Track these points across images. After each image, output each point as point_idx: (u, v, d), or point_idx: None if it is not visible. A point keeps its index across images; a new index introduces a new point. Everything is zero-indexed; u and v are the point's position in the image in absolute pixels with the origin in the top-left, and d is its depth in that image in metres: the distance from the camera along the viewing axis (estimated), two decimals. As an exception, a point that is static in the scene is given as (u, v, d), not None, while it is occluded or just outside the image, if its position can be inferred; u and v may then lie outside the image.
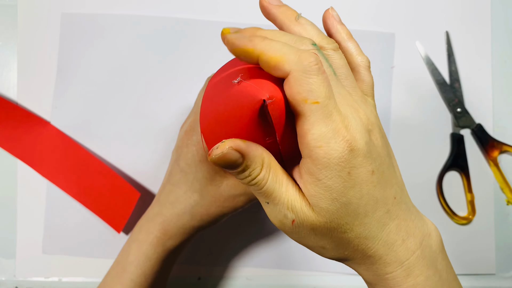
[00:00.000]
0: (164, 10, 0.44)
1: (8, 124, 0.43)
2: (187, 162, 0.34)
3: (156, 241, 0.35)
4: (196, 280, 0.45)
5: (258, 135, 0.25)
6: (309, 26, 0.26)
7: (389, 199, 0.24)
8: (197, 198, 0.34)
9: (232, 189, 0.34)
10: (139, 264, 0.35)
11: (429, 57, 0.46)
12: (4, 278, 0.44)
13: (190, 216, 0.34)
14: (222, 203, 0.34)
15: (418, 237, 0.25)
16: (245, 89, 0.23)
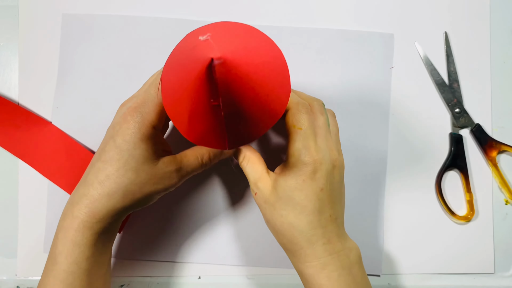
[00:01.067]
0: (164, 11, 0.45)
1: (9, 124, 0.43)
2: (125, 139, 0.32)
3: (83, 225, 0.32)
4: (197, 279, 0.45)
5: (203, 94, 0.25)
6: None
7: (325, 213, 0.32)
8: (131, 176, 0.32)
9: (167, 166, 0.34)
10: (68, 252, 0.32)
11: (428, 58, 0.46)
12: (5, 277, 0.44)
13: (122, 196, 0.33)
14: (157, 181, 0.33)
15: (338, 246, 0.32)
16: (204, 45, 0.24)
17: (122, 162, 0.32)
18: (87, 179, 0.33)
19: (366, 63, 0.45)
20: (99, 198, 0.32)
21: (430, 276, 0.45)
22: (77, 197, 0.33)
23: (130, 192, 0.33)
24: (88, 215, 0.32)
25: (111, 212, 0.33)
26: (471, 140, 0.46)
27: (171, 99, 0.27)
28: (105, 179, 0.32)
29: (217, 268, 0.45)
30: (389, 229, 0.45)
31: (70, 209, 0.33)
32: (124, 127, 0.32)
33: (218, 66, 0.24)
